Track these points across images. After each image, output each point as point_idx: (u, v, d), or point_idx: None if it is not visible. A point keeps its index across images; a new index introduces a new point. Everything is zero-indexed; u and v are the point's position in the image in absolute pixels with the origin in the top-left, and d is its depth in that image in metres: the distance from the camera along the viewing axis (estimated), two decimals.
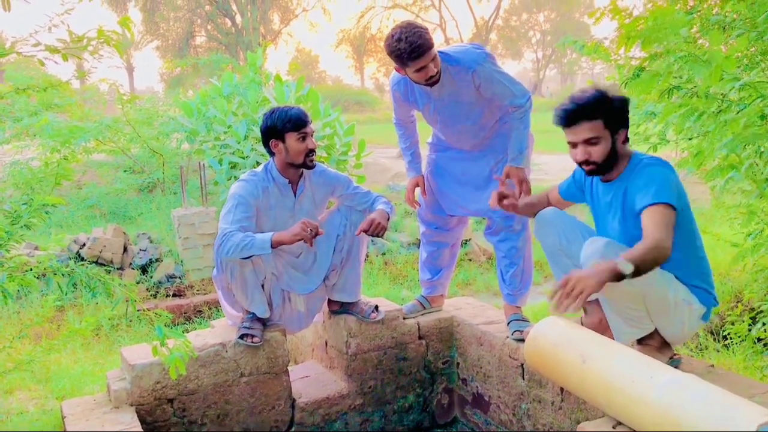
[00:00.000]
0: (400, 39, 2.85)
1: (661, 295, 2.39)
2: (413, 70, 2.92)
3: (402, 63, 2.92)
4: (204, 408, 3.03)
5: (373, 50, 46.63)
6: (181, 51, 35.25)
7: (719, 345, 4.03)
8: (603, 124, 2.42)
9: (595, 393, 2.11)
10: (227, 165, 7.34)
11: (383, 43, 3.02)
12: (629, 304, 2.39)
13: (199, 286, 6.38)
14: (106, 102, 11.09)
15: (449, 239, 3.57)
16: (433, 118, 3.27)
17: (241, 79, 8.44)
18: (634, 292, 2.34)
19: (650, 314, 2.43)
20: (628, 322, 2.44)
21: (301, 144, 3.04)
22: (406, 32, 2.85)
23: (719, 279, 4.81)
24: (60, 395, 3.47)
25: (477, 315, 3.56)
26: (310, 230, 2.89)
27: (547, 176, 10.70)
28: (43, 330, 4.84)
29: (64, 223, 7.87)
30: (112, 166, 9.66)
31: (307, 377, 3.52)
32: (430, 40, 2.89)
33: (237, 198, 3.00)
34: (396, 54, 2.89)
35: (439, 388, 3.62)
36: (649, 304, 2.39)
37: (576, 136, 2.46)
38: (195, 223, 6.50)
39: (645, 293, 2.36)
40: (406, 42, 2.83)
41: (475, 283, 6.83)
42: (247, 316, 3.13)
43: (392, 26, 3.00)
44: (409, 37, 2.83)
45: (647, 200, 2.32)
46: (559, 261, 2.72)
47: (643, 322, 2.44)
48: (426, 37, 2.86)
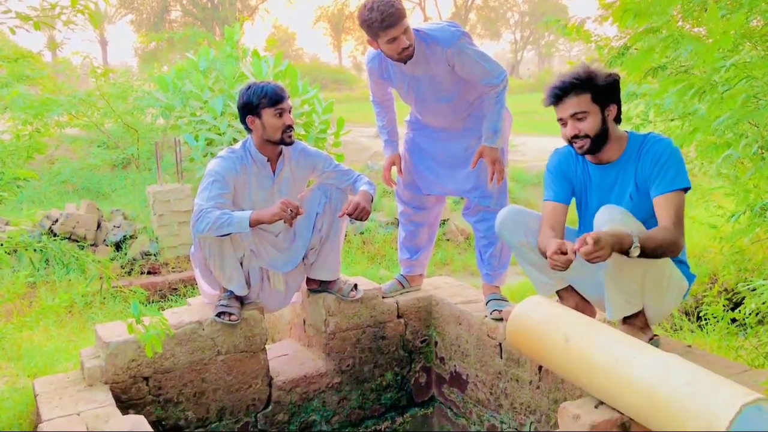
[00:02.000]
0: (372, 8, 2.82)
1: (660, 272, 2.39)
2: (385, 41, 2.88)
3: (374, 34, 2.88)
4: (180, 386, 2.99)
5: (351, 28, 46.22)
6: (156, 25, 34.62)
7: (693, 326, 4.08)
8: (591, 97, 2.42)
9: (577, 372, 2.12)
10: (203, 141, 7.23)
11: (356, 15, 2.98)
12: (633, 278, 2.37)
13: (174, 264, 6.31)
14: (79, 76, 10.87)
15: (427, 218, 3.55)
16: (408, 97, 3.24)
17: (217, 54, 8.31)
18: (639, 266, 2.33)
19: (644, 290, 2.42)
20: (624, 296, 2.42)
21: (278, 120, 2.98)
22: (378, 2, 2.82)
23: (695, 261, 4.87)
24: (32, 373, 3.40)
25: (455, 294, 3.56)
26: (290, 210, 2.85)
27: (524, 157, 10.72)
28: (14, 306, 4.74)
29: (36, 198, 7.73)
30: (85, 141, 9.49)
31: (285, 356, 3.49)
32: (402, 10, 2.86)
33: (213, 174, 2.94)
34: (368, 24, 2.85)
35: (417, 367, 3.62)
36: (647, 280, 2.39)
37: (564, 111, 2.46)
38: (170, 200, 6.41)
39: (647, 268, 2.35)
40: (378, 11, 2.80)
41: (453, 263, 6.84)
42: (225, 294, 3.09)
43: None
44: (381, 6, 2.81)
45: (666, 186, 2.33)
46: (526, 256, 2.72)
47: (636, 299, 2.43)
48: (397, 7, 2.83)
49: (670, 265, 2.42)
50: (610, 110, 2.46)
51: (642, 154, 2.44)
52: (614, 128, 2.50)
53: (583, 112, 2.43)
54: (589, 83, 2.42)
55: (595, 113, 2.43)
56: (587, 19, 3.62)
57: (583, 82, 2.42)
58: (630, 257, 2.17)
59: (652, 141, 2.45)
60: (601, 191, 2.59)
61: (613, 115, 2.47)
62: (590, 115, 2.43)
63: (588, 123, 2.43)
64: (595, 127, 2.44)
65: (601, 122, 2.44)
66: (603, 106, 2.44)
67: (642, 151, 2.45)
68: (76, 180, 8.39)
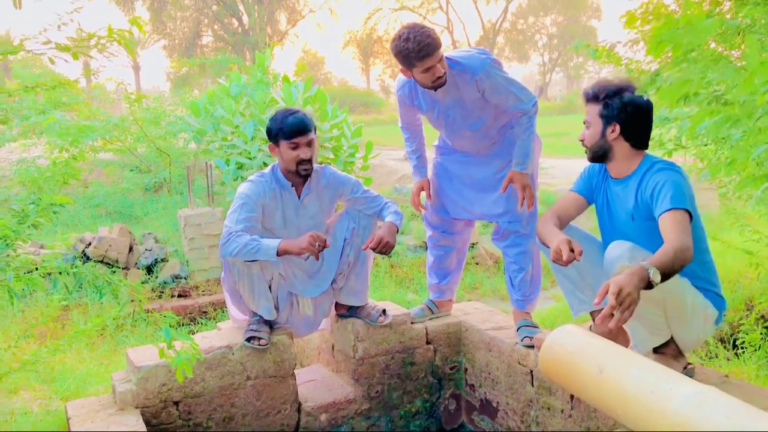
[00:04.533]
0: (408, 39, 2.82)
1: (680, 300, 2.37)
2: (421, 70, 2.88)
3: (409, 64, 2.88)
4: (209, 411, 3.00)
5: (379, 52, 46.65)
6: (188, 50, 35.32)
7: (730, 353, 3.98)
8: (599, 111, 2.53)
9: (611, 403, 2.07)
10: (234, 165, 7.30)
11: (390, 45, 2.98)
12: (652, 309, 2.36)
13: (204, 287, 6.36)
14: (113, 101, 11.09)
15: (456, 243, 3.54)
16: (438, 123, 3.24)
17: (248, 80, 8.41)
18: (656, 297, 2.31)
19: (668, 320, 2.40)
20: (648, 329, 2.42)
21: (292, 152, 3.00)
22: (413, 32, 2.82)
23: (729, 286, 4.76)
24: (64, 396, 3.45)
25: (485, 320, 3.52)
26: (318, 244, 2.87)
27: (553, 180, 10.64)
28: (47, 329, 4.81)
29: (69, 221, 7.87)
30: (118, 165, 9.66)
31: (313, 381, 3.48)
32: (438, 40, 2.87)
33: (243, 198, 2.99)
34: (403, 54, 2.85)
35: (446, 394, 3.58)
36: (668, 310, 2.37)
37: (586, 114, 2.60)
38: (201, 224, 6.48)
39: (665, 298, 2.34)
40: (414, 41, 2.80)
41: (482, 287, 6.79)
42: (254, 318, 3.10)
43: (399, 27, 2.99)
44: (417, 36, 2.81)
45: (666, 205, 2.33)
46: (562, 270, 2.70)
47: (662, 329, 2.42)
48: (433, 37, 2.84)
49: (691, 292, 2.40)
50: (612, 128, 2.51)
51: (645, 178, 2.48)
52: (621, 148, 2.54)
53: (587, 121, 2.58)
54: (604, 96, 2.52)
55: (597, 126, 2.54)
56: (618, 43, 3.60)
57: (599, 94, 2.53)
58: (655, 286, 2.14)
59: (658, 167, 2.47)
60: (610, 204, 2.67)
61: (615, 135, 2.52)
62: (592, 126, 2.56)
63: (588, 132, 2.58)
64: (592, 139, 2.57)
65: (599, 136, 2.54)
66: (606, 123, 2.52)
67: (647, 175, 2.48)
68: (109, 204, 8.53)
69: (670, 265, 2.16)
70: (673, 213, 2.31)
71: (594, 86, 2.59)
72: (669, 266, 2.16)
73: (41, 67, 17.71)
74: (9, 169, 8.42)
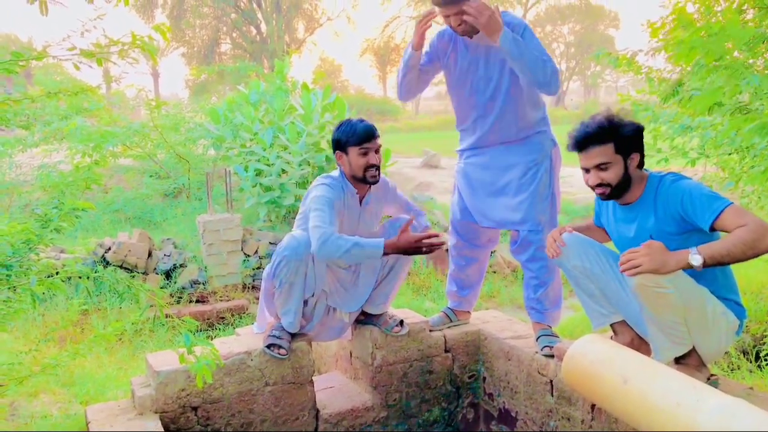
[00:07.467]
0: None
1: (700, 309, 2.34)
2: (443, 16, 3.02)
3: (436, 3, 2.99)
4: (228, 417, 3.00)
5: (396, 60, 46.71)
6: (207, 58, 35.57)
7: (753, 365, 3.93)
8: (614, 148, 2.44)
9: (636, 413, 2.05)
10: (253, 172, 7.35)
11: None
12: (673, 318, 2.33)
13: (222, 293, 6.38)
14: (133, 107, 11.19)
15: (478, 255, 3.52)
16: (462, 84, 3.23)
17: (267, 87, 8.47)
18: (677, 305, 2.28)
19: (689, 329, 2.37)
20: (670, 338, 2.39)
21: (362, 158, 3.04)
22: None
23: (752, 298, 4.70)
24: (84, 400, 3.46)
25: (504, 329, 3.50)
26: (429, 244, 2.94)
27: (572, 189, 10.59)
28: (67, 333, 4.85)
29: (89, 227, 7.93)
30: (138, 171, 9.73)
31: (331, 388, 3.47)
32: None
33: (325, 198, 2.99)
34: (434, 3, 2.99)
35: (464, 403, 3.56)
36: (689, 319, 2.34)
37: (588, 161, 2.49)
38: (220, 230, 6.50)
39: (686, 306, 2.31)
40: None
41: (499, 296, 6.76)
42: (278, 324, 3.10)
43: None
44: None
45: (710, 215, 2.26)
46: (581, 283, 2.68)
47: (683, 339, 2.39)
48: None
49: (712, 301, 2.37)
50: (632, 159, 2.46)
51: (659, 194, 2.44)
52: (637, 174, 2.51)
53: (605, 163, 2.45)
54: (611, 133, 2.43)
55: (618, 163, 2.45)
56: (639, 52, 3.58)
57: (606, 132, 2.43)
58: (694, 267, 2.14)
59: (669, 181, 2.43)
60: (622, 230, 2.62)
61: (636, 163, 2.48)
62: (613, 165, 2.45)
63: (611, 173, 2.46)
64: (617, 177, 2.46)
65: (623, 171, 2.46)
66: (626, 156, 2.45)
67: (659, 191, 2.44)
68: (128, 209, 8.59)
69: (724, 251, 2.14)
70: (724, 213, 2.23)
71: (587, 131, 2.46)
72: (723, 252, 2.14)
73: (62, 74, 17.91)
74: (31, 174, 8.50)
